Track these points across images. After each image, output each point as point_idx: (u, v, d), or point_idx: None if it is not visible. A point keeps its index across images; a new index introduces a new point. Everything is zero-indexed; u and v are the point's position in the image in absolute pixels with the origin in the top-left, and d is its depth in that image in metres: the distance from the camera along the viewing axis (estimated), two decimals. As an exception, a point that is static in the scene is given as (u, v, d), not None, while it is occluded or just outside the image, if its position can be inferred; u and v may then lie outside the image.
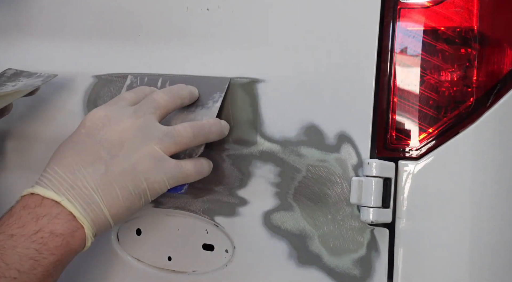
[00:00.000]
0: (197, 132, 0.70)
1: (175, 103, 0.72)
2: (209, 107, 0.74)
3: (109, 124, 0.69)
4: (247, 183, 0.75)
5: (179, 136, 0.69)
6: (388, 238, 0.69)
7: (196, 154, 0.73)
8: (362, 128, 0.69)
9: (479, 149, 0.67)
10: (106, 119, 0.69)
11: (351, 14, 0.70)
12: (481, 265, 0.68)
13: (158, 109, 0.70)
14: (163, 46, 0.80)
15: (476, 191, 0.67)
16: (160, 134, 0.69)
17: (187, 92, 0.73)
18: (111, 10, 0.84)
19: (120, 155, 0.67)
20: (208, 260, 0.77)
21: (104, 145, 0.68)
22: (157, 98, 0.71)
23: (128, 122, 0.69)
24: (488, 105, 0.67)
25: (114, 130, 0.68)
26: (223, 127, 0.72)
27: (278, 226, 0.74)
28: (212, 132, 0.71)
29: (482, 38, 0.67)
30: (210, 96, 0.74)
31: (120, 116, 0.69)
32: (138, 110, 0.70)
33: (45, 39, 0.88)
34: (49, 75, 0.82)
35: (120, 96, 0.73)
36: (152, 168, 0.68)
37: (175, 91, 0.73)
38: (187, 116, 0.74)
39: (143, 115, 0.69)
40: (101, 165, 0.67)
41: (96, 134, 0.68)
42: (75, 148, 0.68)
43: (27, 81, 0.82)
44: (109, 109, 0.70)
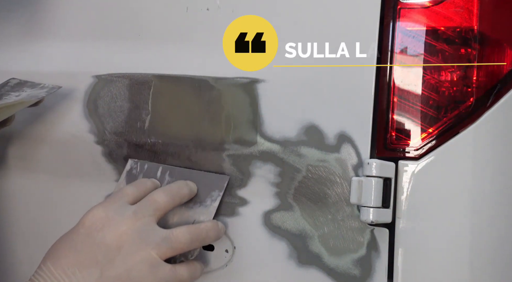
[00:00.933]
0: (194, 238, 0.71)
1: (174, 203, 0.73)
2: (207, 206, 0.74)
3: (108, 226, 0.68)
4: (247, 183, 0.75)
5: (177, 242, 0.69)
6: (388, 238, 0.69)
7: (192, 256, 0.73)
8: (362, 128, 0.69)
9: (479, 149, 0.67)
10: (106, 220, 0.69)
11: (351, 14, 0.70)
12: (481, 265, 0.68)
13: (157, 211, 0.71)
14: (163, 46, 0.80)
15: (476, 190, 0.67)
16: (158, 240, 0.69)
17: (187, 191, 0.74)
18: (111, 10, 0.84)
19: (116, 259, 0.67)
20: (208, 260, 0.77)
21: (102, 248, 0.67)
22: (157, 199, 0.71)
23: (127, 225, 0.69)
24: (488, 105, 0.67)
25: (113, 233, 0.68)
26: (220, 230, 0.73)
27: (278, 226, 0.74)
28: (208, 237, 0.72)
29: (482, 38, 0.67)
30: (209, 194, 0.75)
31: (119, 217, 0.69)
32: (138, 212, 0.70)
33: (45, 39, 0.88)
34: (53, 87, 0.82)
35: (122, 192, 0.73)
36: (147, 274, 0.68)
37: (175, 191, 0.73)
38: (185, 213, 0.75)
39: (142, 218, 0.69)
40: (96, 269, 0.67)
41: (95, 236, 0.68)
42: (72, 248, 0.68)
43: (31, 92, 0.82)
44: (109, 209, 0.70)
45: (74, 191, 0.85)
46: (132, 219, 0.69)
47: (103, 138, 0.82)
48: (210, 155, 0.76)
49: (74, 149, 0.84)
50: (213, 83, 0.76)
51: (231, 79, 0.75)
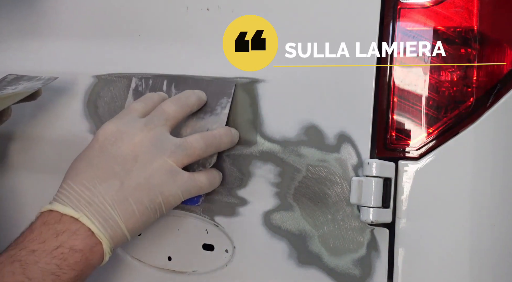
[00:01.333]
0: (208, 143, 0.71)
1: (184, 112, 0.73)
2: (218, 113, 0.74)
3: (121, 138, 0.69)
4: (247, 183, 0.75)
5: (191, 148, 0.69)
6: (388, 238, 0.69)
7: (210, 164, 0.73)
8: (362, 128, 0.69)
9: (479, 148, 0.67)
10: (118, 133, 0.69)
11: (351, 14, 0.70)
12: (481, 265, 0.68)
13: (168, 121, 0.71)
14: (163, 46, 0.80)
15: (476, 190, 0.67)
16: (172, 147, 0.69)
17: (196, 99, 0.74)
18: (111, 10, 0.84)
19: (134, 169, 0.68)
20: (208, 260, 0.77)
21: (118, 160, 0.68)
22: (166, 109, 0.71)
23: (140, 136, 0.69)
24: (488, 105, 0.67)
25: (127, 144, 0.69)
26: (233, 136, 0.73)
27: (278, 226, 0.74)
28: (223, 142, 0.72)
29: (482, 38, 0.67)
30: (218, 102, 0.74)
31: (131, 130, 0.69)
32: (149, 122, 0.70)
33: (45, 39, 0.88)
34: (49, 78, 0.82)
35: (130, 108, 0.73)
36: (166, 181, 0.68)
37: (183, 100, 0.73)
38: (197, 123, 0.74)
39: (154, 128, 0.70)
40: (116, 180, 0.67)
41: (110, 150, 0.69)
42: (89, 164, 0.69)
43: (27, 84, 0.82)
44: (120, 123, 0.70)
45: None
46: (144, 130, 0.69)
47: (103, 138, 0.82)
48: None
49: (74, 148, 0.84)
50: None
51: (231, 79, 0.75)
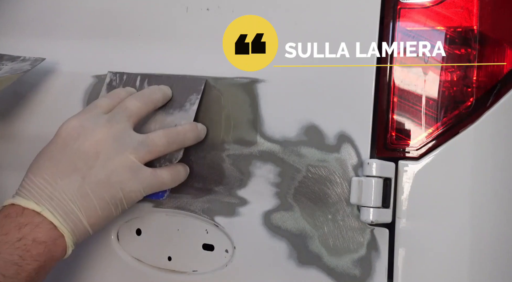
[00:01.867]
0: (171, 141, 0.71)
1: (148, 108, 0.73)
2: (187, 110, 0.74)
3: (84, 134, 0.69)
4: (247, 183, 0.75)
5: (154, 145, 0.70)
6: (388, 238, 0.69)
7: (176, 159, 0.74)
8: (362, 128, 0.69)
9: (479, 149, 0.67)
10: (81, 129, 0.70)
11: (351, 14, 0.70)
12: (481, 265, 0.68)
13: (131, 117, 0.72)
14: (163, 46, 0.80)
15: (476, 190, 0.67)
16: (134, 144, 0.70)
17: (160, 95, 0.74)
18: (111, 10, 0.84)
19: (96, 165, 0.68)
20: (208, 260, 0.77)
21: (80, 156, 0.68)
22: (129, 106, 0.72)
23: (102, 132, 0.69)
24: (488, 105, 0.67)
25: (89, 140, 0.69)
26: (199, 131, 0.73)
27: (278, 226, 0.74)
28: (187, 139, 0.72)
29: (482, 38, 0.67)
30: (187, 98, 0.75)
31: (94, 126, 0.70)
32: (112, 119, 0.71)
33: (45, 39, 0.88)
34: (36, 59, 0.81)
35: (95, 104, 0.73)
36: (128, 177, 0.69)
37: (147, 96, 0.74)
38: (166, 119, 0.75)
39: (116, 124, 0.70)
40: (77, 176, 0.68)
41: (72, 145, 0.69)
42: (52, 159, 0.69)
43: (13, 65, 0.81)
44: (83, 119, 0.71)
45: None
46: (106, 126, 0.70)
47: (103, 138, 0.82)
48: (210, 155, 0.76)
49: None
50: (213, 83, 0.76)
51: (231, 79, 0.75)
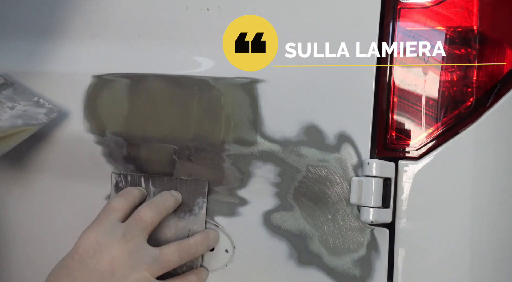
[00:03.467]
0: (184, 255, 0.73)
1: (161, 216, 0.75)
2: (196, 214, 0.76)
3: (100, 252, 0.70)
4: (247, 183, 0.75)
5: (167, 261, 0.72)
6: (388, 238, 0.69)
7: (197, 266, 0.76)
8: (362, 128, 0.69)
9: (479, 149, 0.67)
10: (97, 246, 0.71)
11: (351, 14, 0.70)
12: (481, 265, 0.68)
13: (146, 229, 0.73)
14: (163, 46, 0.80)
15: (476, 190, 0.67)
16: (149, 260, 0.71)
17: (173, 202, 0.76)
18: (111, 10, 0.83)
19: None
20: (208, 260, 0.77)
21: (96, 275, 0.70)
22: (143, 217, 0.73)
23: (118, 249, 0.71)
24: (488, 105, 0.67)
25: (105, 259, 0.70)
26: (210, 241, 0.75)
27: (278, 226, 0.74)
28: (198, 252, 0.74)
29: (482, 38, 0.67)
30: (195, 201, 0.77)
31: (110, 242, 0.71)
32: (127, 233, 0.72)
33: (44, 39, 0.88)
34: (51, 109, 0.82)
35: (110, 208, 0.74)
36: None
37: (161, 204, 0.75)
38: (178, 224, 0.77)
39: (131, 239, 0.71)
40: None
41: (89, 263, 0.70)
42: (69, 276, 0.70)
43: (27, 108, 0.81)
44: (99, 233, 0.72)
45: (74, 191, 0.85)
46: (121, 242, 0.71)
47: (103, 138, 0.82)
48: (210, 155, 0.76)
49: (74, 148, 0.84)
50: (213, 83, 0.76)
51: (231, 79, 0.75)
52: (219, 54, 0.76)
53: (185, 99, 0.77)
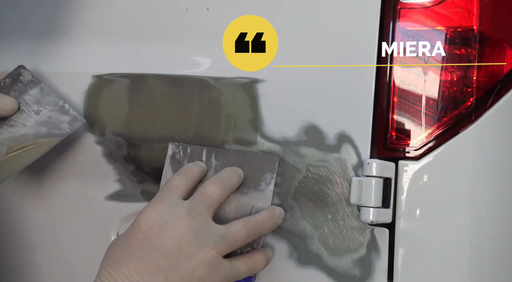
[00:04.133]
0: (251, 233, 0.70)
1: (226, 194, 0.72)
2: (262, 190, 0.73)
3: (165, 229, 0.68)
4: (247, 183, 0.75)
5: (234, 238, 0.69)
6: (388, 238, 0.69)
7: (258, 245, 0.73)
8: (362, 128, 0.69)
9: (479, 148, 0.67)
10: (162, 223, 0.68)
11: (351, 14, 0.70)
12: (481, 265, 0.68)
13: (211, 206, 0.70)
14: (163, 46, 0.80)
15: (476, 190, 0.67)
16: (216, 238, 0.68)
17: (237, 179, 0.73)
18: (111, 10, 0.83)
19: (178, 263, 0.67)
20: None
21: (163, 253, 0.67)
22: (210, 194, 0.70)
23: (184, 225, 0.68)
24: (488, 105, 0.67)
25: (171, 236, 0.68)
26: (277, 217, 0.72)
27: (278, 226, 0.74)
28: (266, 228, 0.71)
29: (482, 38, 0.67)
30: (262, 177, 0.73)
31: (175, 219, 0.68)
32: (192, 209, 0.69)
33: (44, 39, 0.88)
34: (75, 117, 0.81)
35: (172, 185, 0.72)
36: (208, 273, 0.68)
37: (226, 182, 0.72)
38: (241, 199, 0.73)
39: (197, 216, 0.69)
40: (160, 274, 0.67)
41: (154, 241, 0.68)
42: (133, 255, 0.68)
43: (52, 114, 0.80)
44: (163, 211, 0.69)
45: (74, 191, 0.85)
46: (187, 219, 0.68)
47: (103, 138, 0.82)
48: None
49: (74, 149, 0.84)
50: (213, 83, 0.76)
51: (231, 79, 0.75)
52: (219, 54, 0.76)
53: (185, 99, 0.77)
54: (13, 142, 0.78)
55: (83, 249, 0.83)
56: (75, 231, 0.86)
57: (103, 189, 0.83)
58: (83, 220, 0.85)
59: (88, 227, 0.84)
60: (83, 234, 0.85)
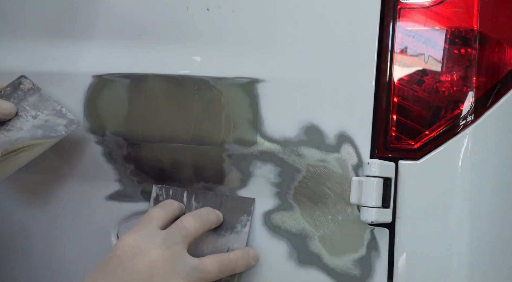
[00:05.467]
0: (223, 268, 0.71)
1: (203, 228, 0.73)
2: (238, 232, 0.75)
3: (139, 255, 0.69)
4: (247, 183, 0.75)
5: (206, 272, 0.70)
6: (388, 238, 0.69)
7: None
8: (362, 128, 0.69)
9: (479, 149, 0.67)
10: (136, 249, 0.69)
11: (351, 14, 0.70)
12: (481, 265, 0.68)
13: (187, 238, 0.71)
14: (163, 46, 0.80)
15: (476, 190, 0.67)
16: (188, 269, 0.69)
17: (215, 218, 0.75)
18: (111, 10, 0.83)
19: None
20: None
21: (133, 277, 0.68)
22: (186, 226, 0.72)
23: (157, 254, 0.69)
24: (488, 105, 0.67)
25: (144, 262, 0.69)
26: (250, 258, 0.73)
27: (278, 226, 0.74)
28: (238, 267, 0.73)
29: (482, 38, 0.67)
30: (238, 219, 0.75)
31: (149, 246, 0.70)
32: (167, 239, 0.70)
33: (45, 39, 0.88)
34: (72, 120, 0.81)
35: (150, 216, 0.73)
36: None
37: (204, 217, 0.74)
38: (218, 241, 0.75)
39: (172, 246, 0.70)
40: None
41: (127, 266, 0.69)
42: (106, 277, 0.69)
43: (49, 117, 0.81)
44: (139, 237, 0.70)
45: (74, 191, 0.85)
46: (162, 247, 0.70)
47: (103, 139, 0.82)
48: (210, 155, 0.76)
49: (74, 148, 0.84)
50: (213, 83, 0.76)
51: (231, 79, 0.75)
52: (219, 54, 0.76)
53: (185, 99, 0.77)
54: (9, 144, 0.79)
55: (83, 249, 0.83)
56: (75, 230, 0.86)
57: (103, 189, 0.83)
58: (83, 220, 0.85)
59: (88, 226, 0.85)
60: (83, 234, 0.85)
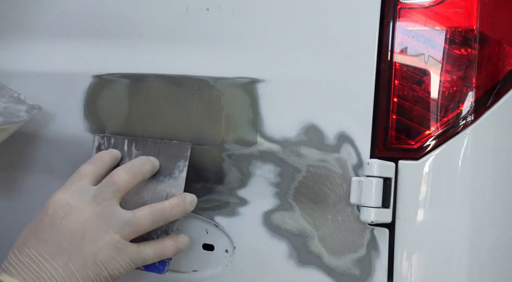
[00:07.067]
0: (157, 219, 0.72)
1: (136, 181, 0.73)
2: (176, 177, 0.75)
3: (70, 213, 0.70)
4: (247, 183, 0.75)
5: (139, 224, 0.71)
6: (388, 238, 0.69)
7: (172, 231, 0.74)
8: (362, 129, 0.69)
9: (479, 149, 0.67)
10: (67, 207, 0.70)
11: (351, 14, 0.70)
12: (481, 265, 0.68)
13: (118, 192, 0.72)
14: (163, 46, 0.80)
15: (476, 191, 0.67)
16: (120, 223, 0.70)
17: (150, 167, 0.75)
18: (111, 10, 0.84)
19: (81, 246, 0.69)
20: (208, 260, 0.77)
21: (66, 236, 0.69)
22: (117, 181, 0.72)
23: (88, 210, 0.70)
24: (488, 105, 0.67)
25: (75, 220, 0.70)
26: (188, 205, 0.73)
27: (278, 226, 0.74)
28: (173, 215, 0.73)
29: (482, 38, 0.67)
30: (175, 165, 0.76)
31: (80, 204, 0.70)
32: (98, 195, 0.71)
33: (45, 39, 0.88)
34: (33, 106, 0.81)
35: (80, 172, 0.74)
36: (112, 256, 0.69)
37: (136, 169, 0.74)
38: (156, 187, 0.76)
39: (102, 202, 0.71)
40: (63, 257, 0.69)
41: (59, 225, 0.70)
42: (38, 237, 0.70)
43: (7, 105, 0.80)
44: (69, 195, 0.71)
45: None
46: (92, 204, 0.71)
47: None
48: (210, 155, 0.76)
49: (74, 148, 0.84)
50: (213, 83, 0.76)
51: (231, 79, 0.75)
52: (219, 54, 0.76)
53: (185, 99, 0.77)
54: None
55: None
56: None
57: (103, 189, 0.83)
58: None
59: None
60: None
